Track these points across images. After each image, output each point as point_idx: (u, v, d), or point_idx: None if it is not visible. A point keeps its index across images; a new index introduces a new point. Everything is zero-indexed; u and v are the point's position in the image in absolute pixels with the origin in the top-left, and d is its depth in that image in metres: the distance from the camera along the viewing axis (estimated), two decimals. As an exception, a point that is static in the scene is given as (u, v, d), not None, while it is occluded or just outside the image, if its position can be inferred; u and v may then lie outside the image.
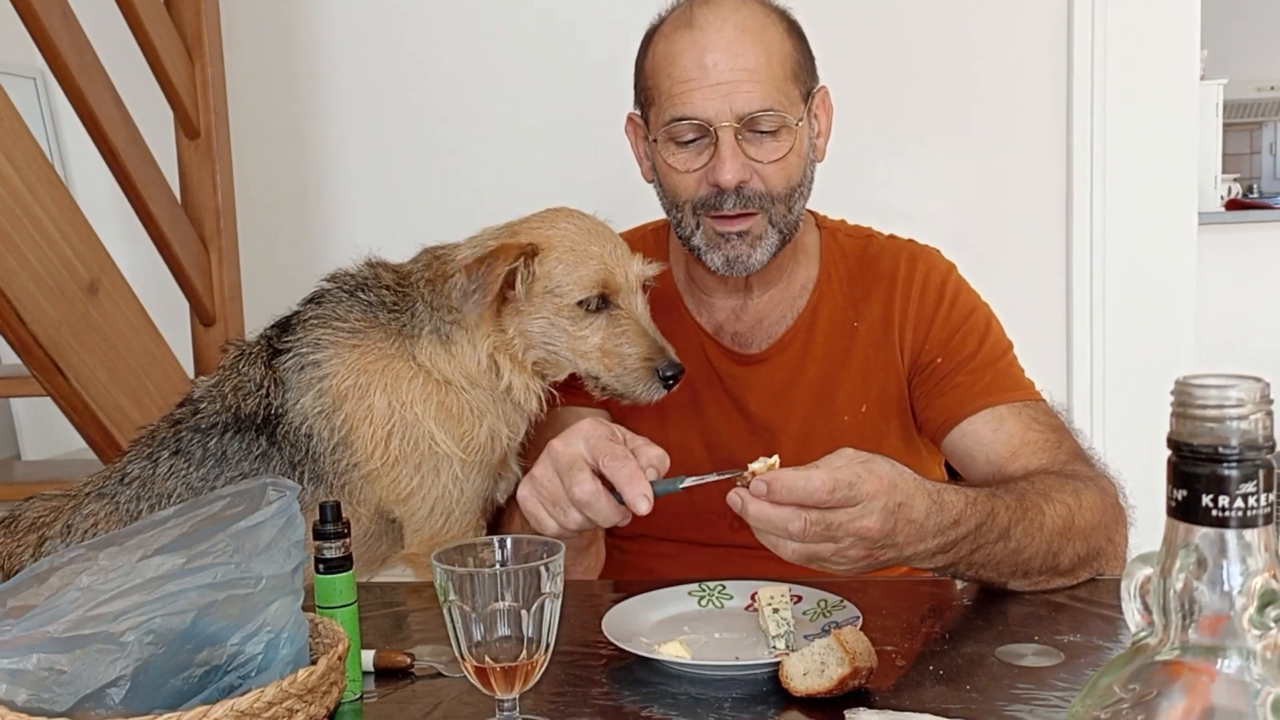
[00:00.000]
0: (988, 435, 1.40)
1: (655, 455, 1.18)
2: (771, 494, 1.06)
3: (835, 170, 1.58)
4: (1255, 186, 4.89)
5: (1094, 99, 2.48)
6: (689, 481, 1.17)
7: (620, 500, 1.14)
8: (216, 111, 2.34)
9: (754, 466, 1.11)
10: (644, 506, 1.13)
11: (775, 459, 1.11)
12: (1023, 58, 2.51)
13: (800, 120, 1.40)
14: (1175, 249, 2.53)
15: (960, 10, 2.51)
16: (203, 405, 1.40)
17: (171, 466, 1.37)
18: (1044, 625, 1.17)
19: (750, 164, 1.37)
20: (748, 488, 1.09)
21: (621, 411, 1.57)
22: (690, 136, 1.38)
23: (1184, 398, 0.53)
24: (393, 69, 2.68)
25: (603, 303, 1.37)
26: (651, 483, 1.15)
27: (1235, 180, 4.21)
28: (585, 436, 1.17)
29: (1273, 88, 4.63)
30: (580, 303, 1.36)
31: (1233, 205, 3.91)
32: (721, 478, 1.16)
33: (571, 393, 1.49)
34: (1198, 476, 0.52)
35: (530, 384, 1.40)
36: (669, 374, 1.37)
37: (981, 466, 1.40)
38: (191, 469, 1.36)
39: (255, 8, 2.68)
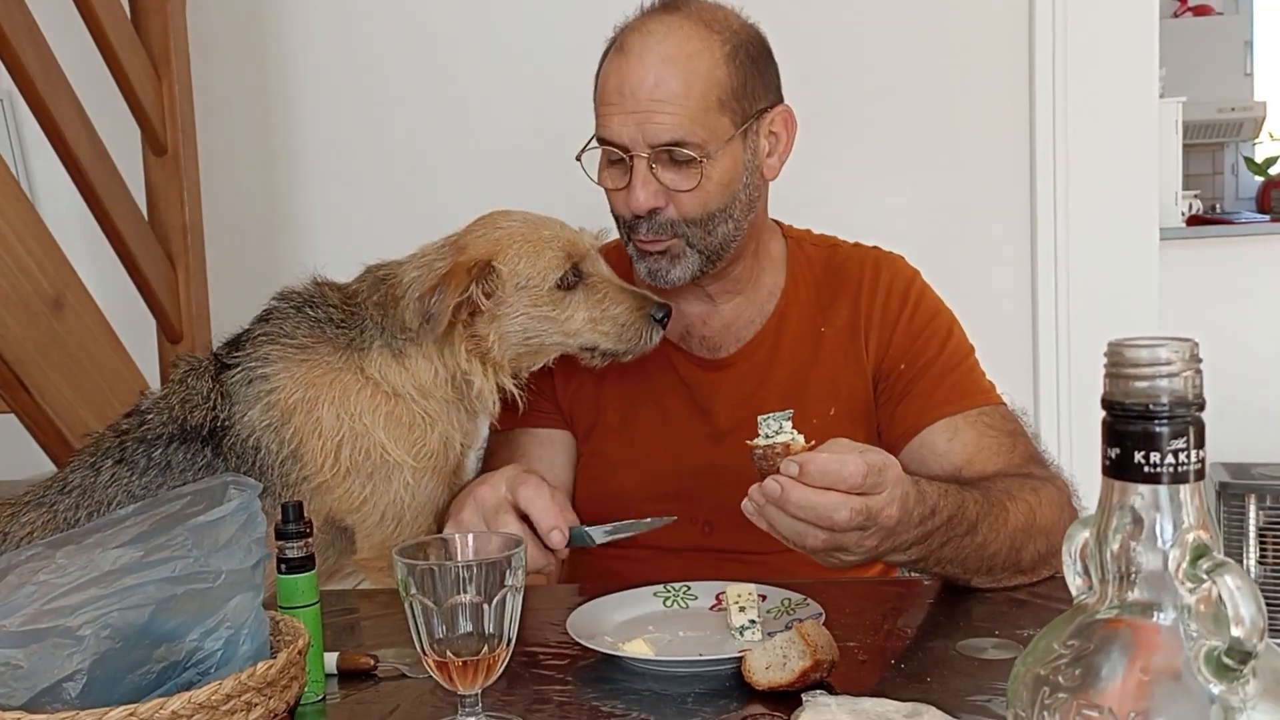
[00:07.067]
0: (942, 446, 1.42)
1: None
2: (805, 477, 1.01)
3: (802, 188, 1.60)
4: (1218, 206, 4.97)
5: (1055, 115, 2.51)
6: (603, 537, 1.24)
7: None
8: (184, 129, 2.34)
9: (773, 440, 1.04)
10: (557, 539, 1.19)
11: (799, 437, 1.05)
12: (985, 76, 2.54)
13: (720, 149, 1.38)
14: (1138, 263, 2.56)
15: (923, 30, 2.54)
16: (149, 416, 1.40)
17: (114, 475, 1.36)
18: (1004, 620, 1.18)
19: (664, 191, 1.39)
20: (773, 469, 1.02)
21: (586, 429, 1.57)
22: (614, 157, 1.41)
23: (1116, 359, 0.54)
24: (361, 86, 2.68)
25: (575, 275, 1.40)
26: (570, 527, 1.21)
27: (1196, 197, 4.27)
28: (508, 479, 1.24)
29: (1233, 109, 4.71)
30: (558, 283, 1.38)
31: (1194, 221, 3.96)
32: (634, 531, 1.25)
33: (525, 414, 1.49)
34: (1130, 434, 0.54)
35: (503, 382, 1.41)
36: (660, 314, 1.42)
37: (935, 475, 1.41)
38: (134, 477, 1.35)
39: (223, 26, 2.69)
